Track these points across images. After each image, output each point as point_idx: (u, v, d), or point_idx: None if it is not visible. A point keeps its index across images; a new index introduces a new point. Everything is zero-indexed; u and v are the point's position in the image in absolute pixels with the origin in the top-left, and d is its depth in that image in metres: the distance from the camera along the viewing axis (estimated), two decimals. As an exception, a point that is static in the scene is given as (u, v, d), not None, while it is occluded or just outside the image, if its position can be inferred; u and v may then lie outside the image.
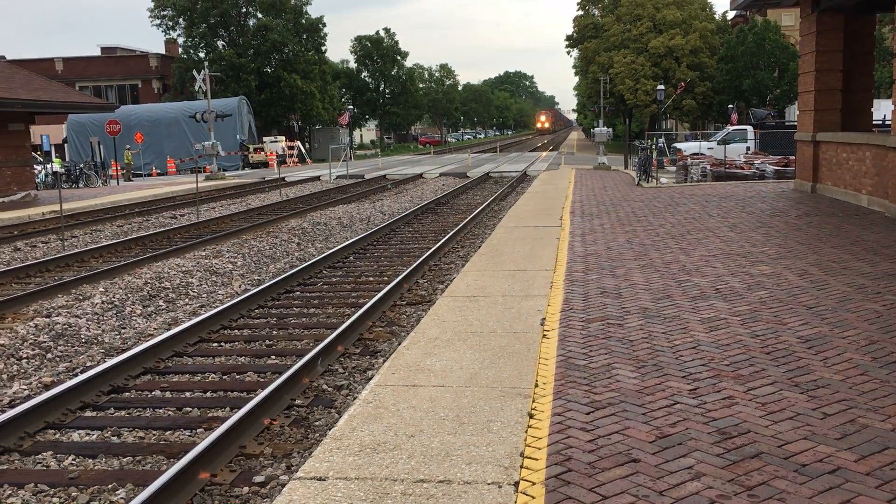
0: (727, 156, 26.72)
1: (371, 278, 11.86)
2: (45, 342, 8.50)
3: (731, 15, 64.62)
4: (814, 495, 3.67)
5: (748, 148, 32.80)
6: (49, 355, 8.16)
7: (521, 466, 4.11)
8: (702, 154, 30.68)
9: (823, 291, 7.86)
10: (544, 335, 6.62)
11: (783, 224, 13.01)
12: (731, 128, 37.38)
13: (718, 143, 31.97)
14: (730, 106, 50.50)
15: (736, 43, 54.48)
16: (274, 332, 8.81)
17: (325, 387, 6.87)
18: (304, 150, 57.31)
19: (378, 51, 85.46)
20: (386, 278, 11.68)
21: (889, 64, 39.89)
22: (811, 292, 7.83)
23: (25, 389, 7.07)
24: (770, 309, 7.22)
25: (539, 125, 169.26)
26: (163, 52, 65.98)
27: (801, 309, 7.17)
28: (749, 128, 36.06)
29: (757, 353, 5.90)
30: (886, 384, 5.13)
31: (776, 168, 25.07)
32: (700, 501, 3.65)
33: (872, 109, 18.62)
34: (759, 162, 26.51)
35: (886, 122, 26.45)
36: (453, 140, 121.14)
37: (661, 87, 49.66)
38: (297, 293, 10.94)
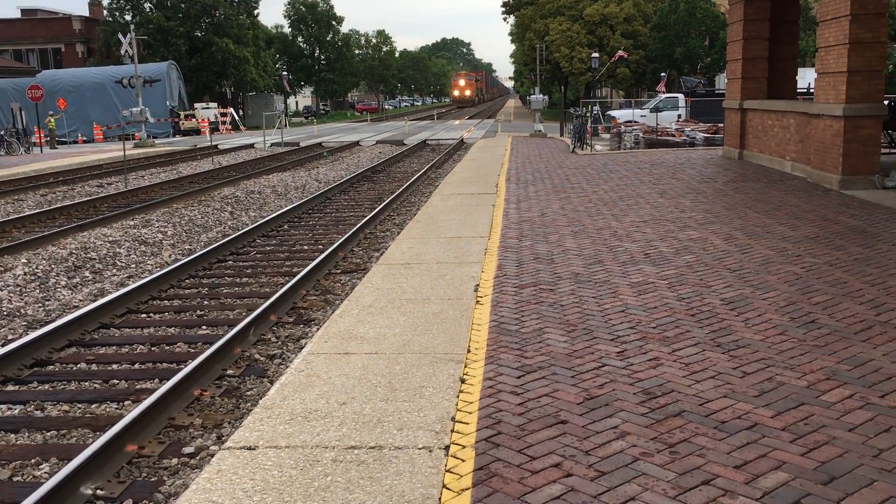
0: (659, 123, 27.16)
1: (306, 247, 11.74)
2: (-37, 316, 8.19)
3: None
4: (732, 450, 3.81)
5: (679, 116, 33.35)
6: (-32, 329, 7.87)
7: (452, 431, 4.16)
8: (635, 122, 31.09)
9: (747, 255, 8.10)
10: (478, 301, 6.67)
11: (711, 190, 13.32)
12: (663, 96, 37.92)
13: (651, 111, 32.41)
14: (661, 74, 51.17)
15: (668, 11, 55.07)
16: (205, 303, 8.66)
17: (257, 356, 6.80)
18: (237, 117, 56.09)
19: (313, 15, 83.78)
20: (321, 247, 11.58)
21: (814, 33, 40.88)
22: (735, 256, 8.06)
23: (-57, 365, 6.81)
24: (696, 272, 7.41)
25: (457, 93, 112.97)
26: (87, 14, 63.46)
27: (726, 272, 7.38)
28: (680, 96, 36.63)
29: (682, 315, 6.06)
30: (803, 343, 5.33)
31: (706, 135, 25.60)
32: (624, 459, 3.75)
33: (797, 78, 19.14)
34: (689, 129, 27.02)
35: (810, 91, 27.19)
36: (390, 107, 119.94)
37: (595, 55, 49.94)
38: (230, 262, 10.76)
